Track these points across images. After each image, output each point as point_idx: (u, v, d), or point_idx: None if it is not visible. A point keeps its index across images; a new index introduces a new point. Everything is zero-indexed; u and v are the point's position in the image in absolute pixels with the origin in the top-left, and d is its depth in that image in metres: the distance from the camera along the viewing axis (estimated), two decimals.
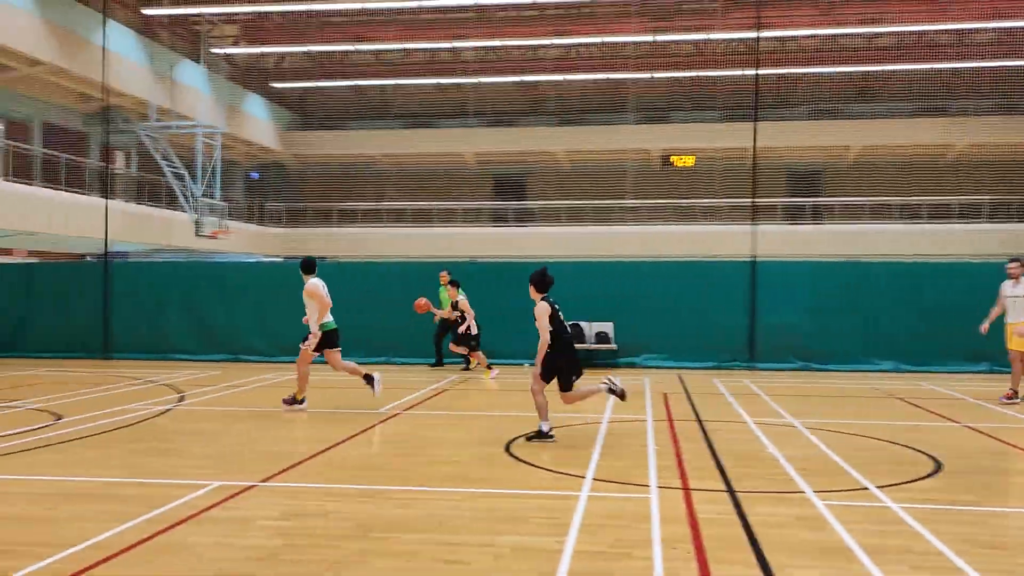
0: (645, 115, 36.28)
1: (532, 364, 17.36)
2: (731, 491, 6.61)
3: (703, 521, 5.75)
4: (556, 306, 8.68)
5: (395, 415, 10.54)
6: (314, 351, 10.72)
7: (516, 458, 7.87)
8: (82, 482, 6.82)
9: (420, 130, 38.06)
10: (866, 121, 34.00)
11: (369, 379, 10.92)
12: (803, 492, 6.60)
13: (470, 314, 15.49)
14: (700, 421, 10.17)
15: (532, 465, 7.54)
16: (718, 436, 9.06)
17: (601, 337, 17.03)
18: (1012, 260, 12.05)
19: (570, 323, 17.07)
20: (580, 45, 34.21)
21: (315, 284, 10.81)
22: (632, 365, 16.98)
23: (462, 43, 32.87)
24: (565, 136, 36.89)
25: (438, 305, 16.27)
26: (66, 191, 24.87)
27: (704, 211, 35.16)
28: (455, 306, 15.55)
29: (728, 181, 34.68)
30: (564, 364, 8.62)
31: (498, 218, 37.86)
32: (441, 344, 16.65)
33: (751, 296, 17.06)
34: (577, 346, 16.65)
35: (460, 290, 15.77)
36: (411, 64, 36.83)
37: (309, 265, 11.06)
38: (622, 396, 8.76)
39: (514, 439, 8.75)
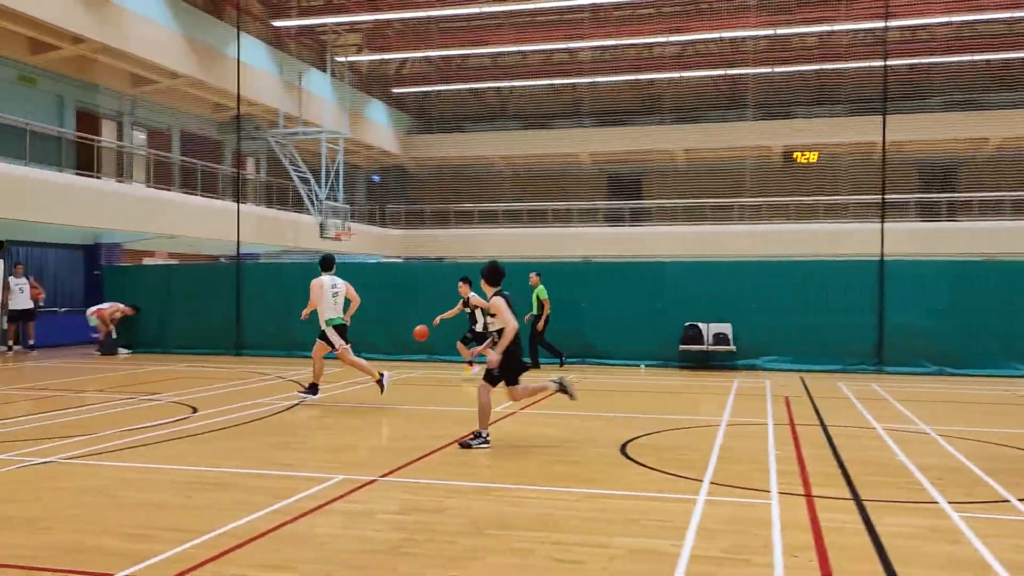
0: (765, 111, 35.33)
1: (648, 366, 17.26)
2: (857, 499, 6.35)
3: (827, 529, 5.55)
4: (509, 298, 8.42)
5: (511, 414, 10.63)
6: (342, 343, 11.50)
7: (631, 459, 7.81)
8: (216, 472, 7.19)
9: (535, 131, 38.28)
10: (1007, 111, 31.97)
11: (314, 389, 11.60)
12: (936, 503, 6.27)
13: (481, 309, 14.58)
14: (824, 426, 9.82)
15: (647, 467, 7.46)
16: (843, 442, 8.72)
17: (719, 339, 16.67)
18: None
19: (687, 324, 16.89)
20: (697, 41, 33.60)
21: (318, 281, 11.54)
22: (752, 367, 16.55)
23: (577, 43, 32.84)
24: (681, 134, 36.32)
25: (529, 307, 16.20)
26: (202, 196, 26.29)
27: (828, 208, 33.93)
28: (466, 303, 14.84)
29: (854, 177, 33.36)
30: (514, 360, 8.35)
31: (613, 218, 37.63)
32: (536, 346, 16.48)
33: (879, 297, 16.34)
34: (694, 348, 16.67)
35: (472, 288, 15.08)
36: (527, 66, 37.09)
37: (323, 262, 11.87)
38: (572, 395, 8.58)
39: (629, 440, 8.68)
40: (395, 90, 38.23)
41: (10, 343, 19.93)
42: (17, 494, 6.40)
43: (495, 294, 8.45)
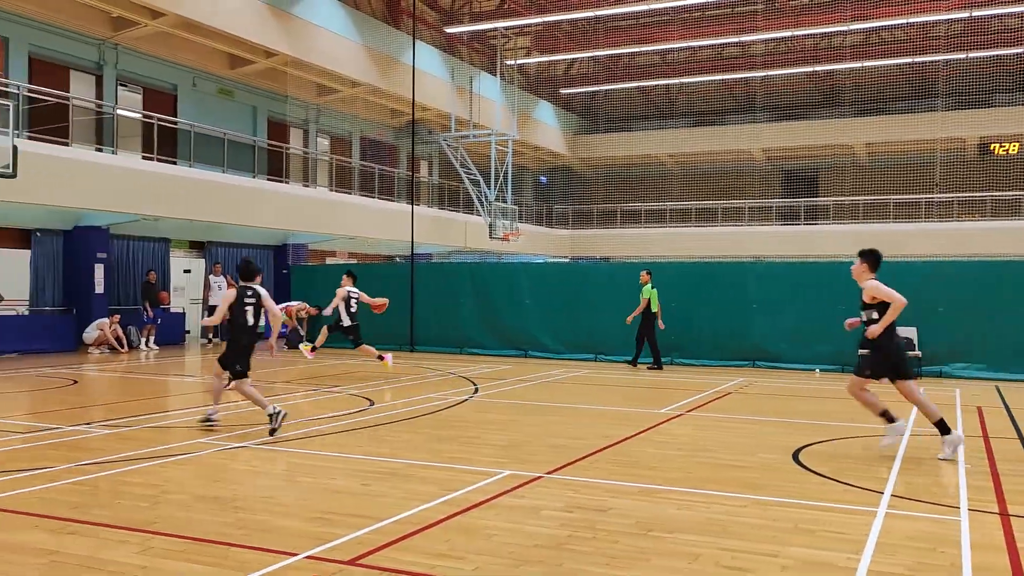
0: (959, 99, 32.84)
1: (824, 371, 16.52)
2: None
3: None
4: (249, 298, 9.06)
5: (678, 416, 10.47)
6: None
7: (805, 467, 7.50)
8: (390, 462, 7.52)
9: (705, 128, 37.45)
10: None
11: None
12: None
13: (334, 304, 14.70)
14: (1023, 440, 9.04)
15: (823, 476, 7.15)
16: None
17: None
18: None
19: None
20: (882, 29, 31.72)
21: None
22: (939, 375, 15.47)
23: (750, 36, 31.82)
24: (863, 127, 34.49)
25: (636, 304, 16.23)
26: (379, 199, 27.54)
27: None
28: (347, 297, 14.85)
29: None
30: (232, 354, 9.09)
31: (787, 216, 36.23)
32: (643, 342, 16.37)
33: None
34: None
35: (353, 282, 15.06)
36: (697, 61, 36.36)
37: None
38: (271, 431, 8.62)
39: (802, 447, 8.34)
40: (563, 91, 38.50)
41: (210, 336, 21.69)
42: (215, 475, 6.96)
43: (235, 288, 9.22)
